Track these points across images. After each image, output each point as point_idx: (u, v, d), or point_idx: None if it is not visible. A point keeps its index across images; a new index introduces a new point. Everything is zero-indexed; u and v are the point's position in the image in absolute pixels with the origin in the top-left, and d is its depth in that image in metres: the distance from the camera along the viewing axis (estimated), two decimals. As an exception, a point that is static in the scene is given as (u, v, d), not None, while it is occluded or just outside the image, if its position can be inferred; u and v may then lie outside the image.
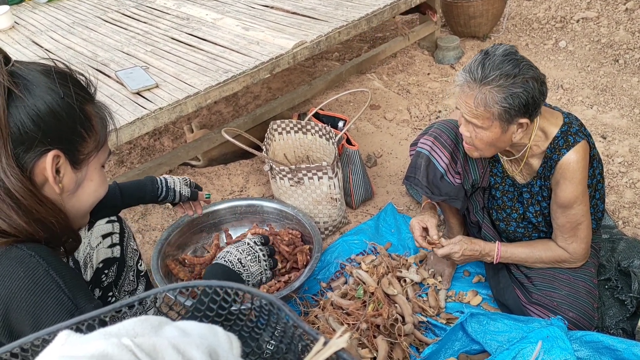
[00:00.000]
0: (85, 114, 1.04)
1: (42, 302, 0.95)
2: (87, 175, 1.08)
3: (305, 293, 2.14)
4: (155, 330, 0.74)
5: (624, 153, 2.71)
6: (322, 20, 3.00)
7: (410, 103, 3.37)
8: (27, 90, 0.96)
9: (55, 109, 0.98)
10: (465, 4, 3.79)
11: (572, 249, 1.78)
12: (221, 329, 0.78)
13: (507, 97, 1.54)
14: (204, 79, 2.51)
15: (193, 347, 0.70)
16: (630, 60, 3.48)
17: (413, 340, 1.87)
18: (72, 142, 1.02)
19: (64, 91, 1.00)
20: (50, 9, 3.82)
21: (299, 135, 2.65)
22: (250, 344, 0.85)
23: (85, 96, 1.06)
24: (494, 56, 1.57)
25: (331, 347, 0.67)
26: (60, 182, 1.03)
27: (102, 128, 1.09)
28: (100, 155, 1.11)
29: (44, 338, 0.80)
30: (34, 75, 0.99)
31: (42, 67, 1.01)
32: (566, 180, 1.68)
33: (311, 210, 2.37)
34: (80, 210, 1.11)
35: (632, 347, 1.56)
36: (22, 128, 0.95)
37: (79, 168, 1.06)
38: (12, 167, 0.95)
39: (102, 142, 1.10)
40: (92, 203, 1.13)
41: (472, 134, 1.67)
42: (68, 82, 1.02)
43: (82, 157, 1.06)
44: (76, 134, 1.03)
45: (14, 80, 0.96)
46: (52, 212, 1.01)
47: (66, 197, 1.06)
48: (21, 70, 0.98)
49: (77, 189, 1.08)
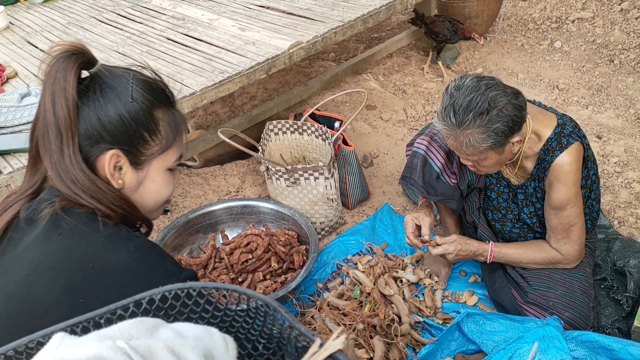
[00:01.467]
0: (152, 119, 1.11)
1: (155, 270, 1.04)
2: (149, 176, 1.15)
3: (302, 293, 2.14)
4: (150, 333, 0.73)
5: (619, 153, 2.72)
6: (318, 21, 3.00)
7: (406, 103, 3.37)
8: (101, 92, 1.06)
9: (122, 113, 1.06)
10: (461, 4, 3.79)
11: (565, 251, 1.78)
12: (217, 330, 0.78)
13: (489, 135, 1.54)
14: (199, 79, 2.51)
15: (188, 349, 0.70)
16: (626, 60, 3.49)
17: (409, 340, 1.87)
18: (133, 143, 1.09)
19: (135, 96, 1.08)
20: (45, 9, 3.80)
21: (295, 136, 2.64)
22: (246, 346, 0.85)
23: (157, 102, 1.12)
24: (460, 98, 1.54)
25: (327, 349, 0.67)
26: (120, 179, 1.11)
27: (171, 133, 1.15)
28: (165, 158, 1.16)
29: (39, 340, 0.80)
30: (112, 80, 1.08)
31: (123, 72, 1.11)
32: (559, 182, 1.68)
33: (307, 211, 2.37)
34: (145, 206, 1.18)
35: (628, 347, 1.57)
36: (90, 125, 1.05)
37: (140, 168, 1.13)
38: (76, 157, 1.04)
39: (167, 147, 1.15)
40: (156, 202, 1.19)
41: (473, 164, 1.70)
42: (142, 88, 1.10)
43: (144, 158, 1.12)
44: (139, 137, 1.10)
45: (92, 84, 1.06)
46: (118, 199, 1.09)
47: (129, 192, 1.14)
48: (103, 74, 1.08)
49: (138, 187, 1.15)
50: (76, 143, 1.04)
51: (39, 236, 1.02)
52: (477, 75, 1.59)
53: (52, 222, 1.02)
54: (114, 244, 1.03)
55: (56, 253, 1.00)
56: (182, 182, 2.84)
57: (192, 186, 2.82)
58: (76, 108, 1.04)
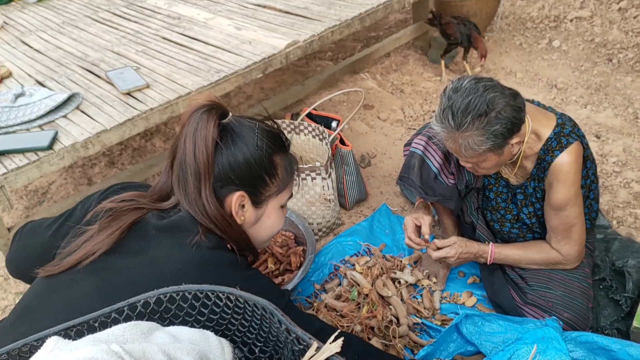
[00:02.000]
0: (272, 164, 1.26)
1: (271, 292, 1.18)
2: (266, 213, 1.31)
3: (299, 295, 2.12)
4: (145, 336, 0.72)
5: (618, 152, 2.71)
6: (315, 20, 2.98)
7: (404, 103, 3.36)
8: (232, 141, 1.21)
9: (249, 159, 1.22)
10: (459, 3, 3.78)
11: (565, 251, 1.77)
12: (213, 334, 0.76)
13: (488, 137, 1.53)
14: (195, 79, 2.49)
15: (184, 353, 0.69)
16: (624, 59, 3.49)
17: (408, 342, 1.86)
18: (256, 185, 1.25)
19: (260, 144, 1.23)
20: (39, 8, 3.78)
21: (292, 136, 2.63)
22: (243, 349, 0.84)
23: (277, 149, 1.28)
24: (458, 100, 1.53)
25: (324, 352, 0.66)
26: (242, 216, 1.26)
27: (286, 176, 1.31)
28: (280, 198, 1.32)
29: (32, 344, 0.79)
30: (241, 129, 1.23)
31: (250, 123, 1.26)
32: (559, 182, 1.67)
33: (304, 212, 2.36)
34: (258, 238, 1.34)
35: (627, 347, 1.56)
36: (222, 170, 1.21)
37: (260, 206, 1.29)
38: (212, 197, 1.20)
39: (284, 188, 1.31)
40: (269, 235, 1.36)
41: (472, 166, 1.69)
42: (266, 136, 1.25)
43: (263, 198, 1.28)
44: (261, 179, 1.25)
45: (224, 133, 1.21)
46: (238, 234, 1.26)
47: (247, 227, 1.30)
48: (233, 125, 1.23)
49: (256, 223, 1.30)
50: (211, 184, 1.20)
51: (175, 244, 1.13)
52: (475, 77, 1.58)
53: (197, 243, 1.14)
54: (238, 271, 1.16)
55: (192, 262, 1.11)
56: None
57: (189, 186, 2.80)
58: (214, 154, 1.19)
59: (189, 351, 0.72)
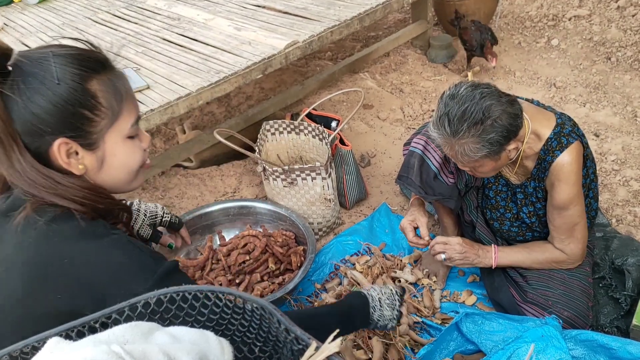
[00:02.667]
0: (88, 94, 1.02)
1: (127, 265, 1.01)
2: (108, 151, 1.08)
3: (300, 294, 2.13)
4: (145, 337, 0.73)
5: (616, 151, 2.72)
6: (314, 20, 2.99)
7: (403, 102, 3.37)
8: (24, 85, 0.98)
9: (52, 99, 0.99)
10: (457, 2, 3.78)
11: (570, 250, 1.78)
12: (213, 334, 0.77)
13: (484, 145, 1.54)
14: (195, 79, 2.50)
15: (184, 353, 0.69)
16: (623, 58, 3.49)
17: (408, 340, 1.86)
18: (77, 126, 1.02)
19: (60, 76, 0.99)
20: (39, 10, 3.78)
21: (292, 136, 2.64)
22: (242, 349, 0.84)
23: (87, 73, 1.03)
24: (454, 107, 1.53)
25: (323, 351, 0.66)
26: (80, 164, 1.05)
27: (114, 100, 1.06)
28: (119, 127, 1.08)
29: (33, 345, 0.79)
30: (32, 66, 0.99)
31: (41, 54, 1.01)
32: (561, 182, 1.67)
33: (305, 211, 2.36)
34: (118, 182, 1.13)
35: (627, 346, 1.56)
36: (25, 121, 0.99)
37: (96, 147, 1.06)
38: (25, 158, 1.00)
39: (118, 114, 1.07)
40: (128, 173, 1.13)
41: (471, 171, 1.70)
42: (67, 64, 1.01)
43: (95, 137, 1.05)
44: (79, 117, 1.02)
45: (11, 79, 0.98)
46: (80, 189, 1.04)
47: (94, 174, 1.09)
48: (21, 63, 0.99)
49: (102, 166, 1.09)
50: (20, 144, 0.99)
51: (16, 233, 1.00)
52: (473, 83, 1.58)
53: (28, 221, 1.00)
54: (86, 241, 1.00)
55: (29, 249, 0.99)
56: (178, 183, 2.83)
57: (189, 187, 2.81)
58: (5, 109, 0.98)
59: (189, 351, 0.72)
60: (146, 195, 2.78)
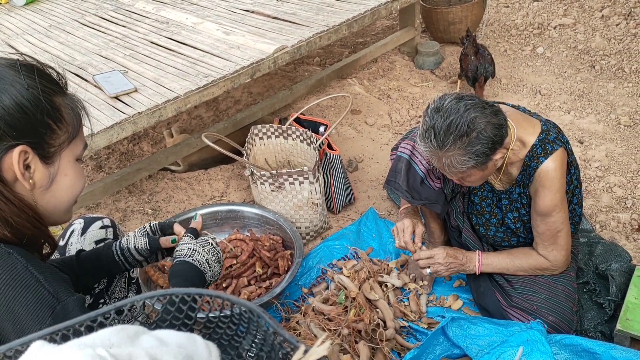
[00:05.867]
0: (53, 105, 1.02)
1: (22, 297, 0.93)
2: (60, 170, 1.06)
3: (287, 299, 2.13)
4: (131, 340, 0.72)
5: (600, 158, 2.75)
6: (303, 25, 3.00)
7: (391, 108, 3.38)
8: None
9: (20, 101, 0.96)
10: (444, 10, 3.82)
11: (553, 257, 1.79)
12: (200, 337, 0.77)
13: (470, 157, 1.56)
14: (183, 83, 2.49)
15: (171, 357, 0.69)
16: (607, 66, 3.54)
17: (394, 345, 1.87)
18: (40, 135, 1.00)
19: (29, 83, 0.98)
20: (26, 11, 3.76)
21: (280, 140, 2.64)
22: (230, 352, 0.84)
23: (53, 88, 1.03)
24: (439, 120, 1.55)
25: (312, 355, 0.66)
26: (31, 178, 1.01)
27: (74, 119, 1.07)
28: (74, 148, 1.08)
29: (17, 349, 0.78)
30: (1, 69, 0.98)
31: (7, 61, 1.00)
32: (545, 188, 1.69)
33: (292, 216, 2.36)
34: (58, 207, 1.09)
35: (610, 350, 1.58)
36: None
37: (51, 162, 1.04)
38: None
39: (75, 134, 1.07)
40: (70, 198, 1.10)
41: (459, 181, 1.71)
42: (34, 74, 1.00)
43: (53, 150, 1.03)
44: (44, 126, 1.00)
45: None
46: (20, 211, 0.99)
47: (40, 193, 1.05)
48: None
49: (50, 184, 1.05)
50: None
51: None
52: (457, 96, 1.60)
53: None
54: None
55: None
56: (165, 187, 2.82)
57: (176, 191, 2.80)
58: None
59: (175, 355, 0.72)
60: (133, 199, 2.76)
